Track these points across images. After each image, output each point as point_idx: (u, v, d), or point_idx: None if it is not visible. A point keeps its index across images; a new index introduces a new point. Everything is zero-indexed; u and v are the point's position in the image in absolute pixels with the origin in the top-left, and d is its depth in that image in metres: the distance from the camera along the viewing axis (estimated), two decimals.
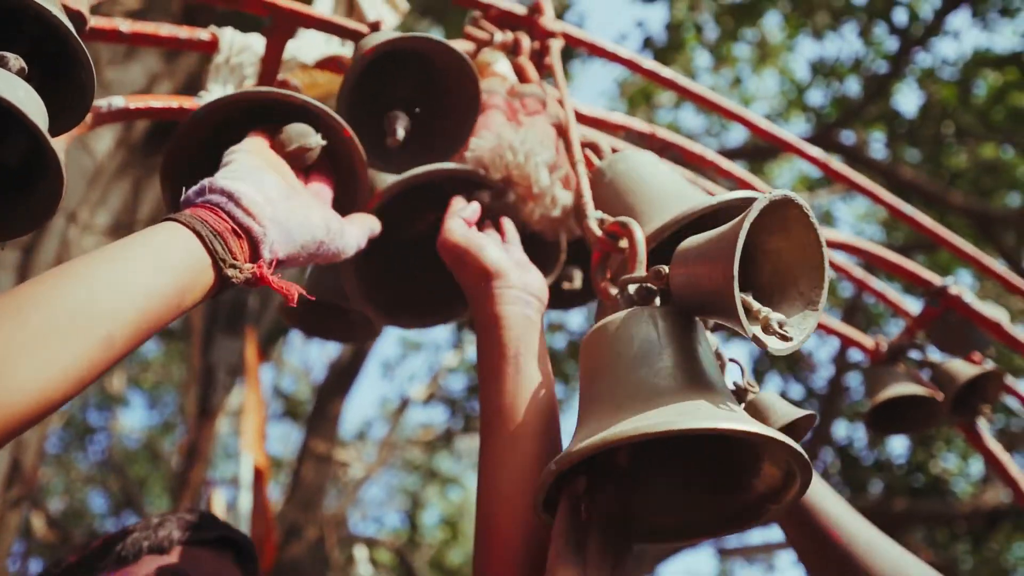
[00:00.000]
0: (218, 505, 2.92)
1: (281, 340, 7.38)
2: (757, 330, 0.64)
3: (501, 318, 0.83)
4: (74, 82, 0.71)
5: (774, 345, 0.63)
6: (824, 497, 0.87)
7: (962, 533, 6.51)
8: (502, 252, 0.88)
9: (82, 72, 0.70)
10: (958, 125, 6.16)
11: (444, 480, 9.34)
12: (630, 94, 7.36)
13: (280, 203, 0.73)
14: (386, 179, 1.04)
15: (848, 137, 6.59)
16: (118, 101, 0.98)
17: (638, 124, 1.26)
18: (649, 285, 0.72)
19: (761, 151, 6.58)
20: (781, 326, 0.62)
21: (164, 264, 0.61)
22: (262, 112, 0.85)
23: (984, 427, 1.29)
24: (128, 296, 0.58)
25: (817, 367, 6.82)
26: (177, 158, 0.81)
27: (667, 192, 0.89)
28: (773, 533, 6.95)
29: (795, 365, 6.76)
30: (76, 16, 0.77)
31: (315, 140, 0.80)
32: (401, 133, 0.91)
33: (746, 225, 0.62)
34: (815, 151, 1.41)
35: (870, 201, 1.46)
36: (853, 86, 6.58)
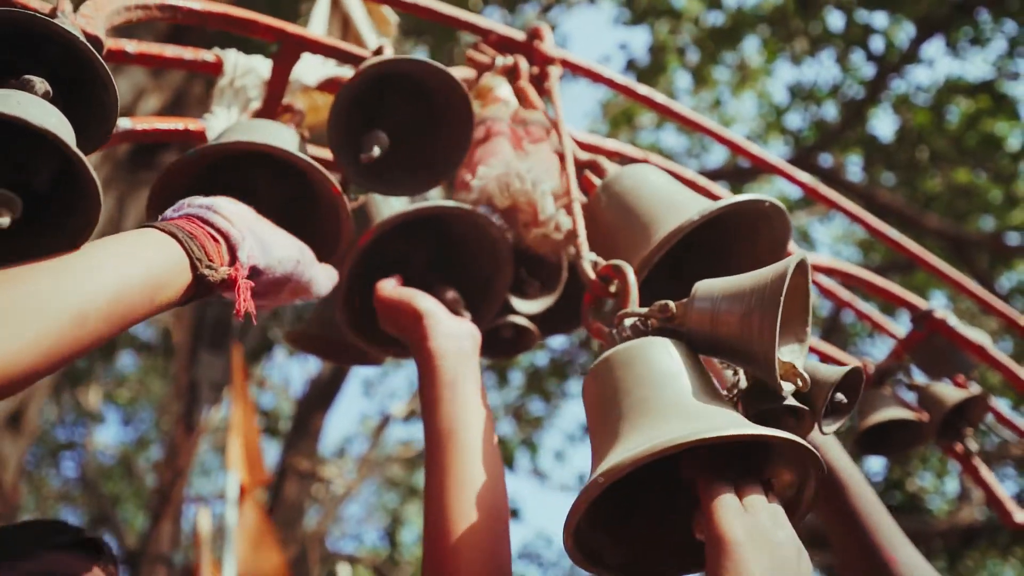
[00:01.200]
0: (205, 521, 2.89)
1: (264, 357, 7.33)
2: (786, 387, 0.67)
3: (436, 351, 0.89)
4: (96, 105, 0.72)
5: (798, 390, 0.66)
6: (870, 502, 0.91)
7: (938, 550, 6.58)
8: (432, 300, 0.94)
9: (106, 95, 0.71)
10: (932, 150, 6.30)
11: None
12: (612, 115, 7.45)
13: (255, 222, 0.77)
14: (379, 205, 1.07)
15: (826, 160, 6.72)
16: (124, 123, 0.99)
17: (632, 151, 1.29)
18: (640, 322, 0.75)
19: (741, 172, 6.68)
20: (802, 379, 0.65)
21: (138, 256, 0.64)
22: (250, 157, 0.87)
23: (971, 448, 1.33)
24: (101, 281, 0.60)
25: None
26: (164, 193, 0.83)
27: (664, 205, 0.91)
28: None
29: None
30: (94, 40, 0.78)
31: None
32: (377, 151, 0.93)
33: (785, 284, 0.64)
34: (803, 175, 1.45)
35: (847, 223, 1.50)
36: (830, 110, 6.72)
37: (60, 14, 0.77)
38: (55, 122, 0.63)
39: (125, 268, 0.62)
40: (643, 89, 1.36)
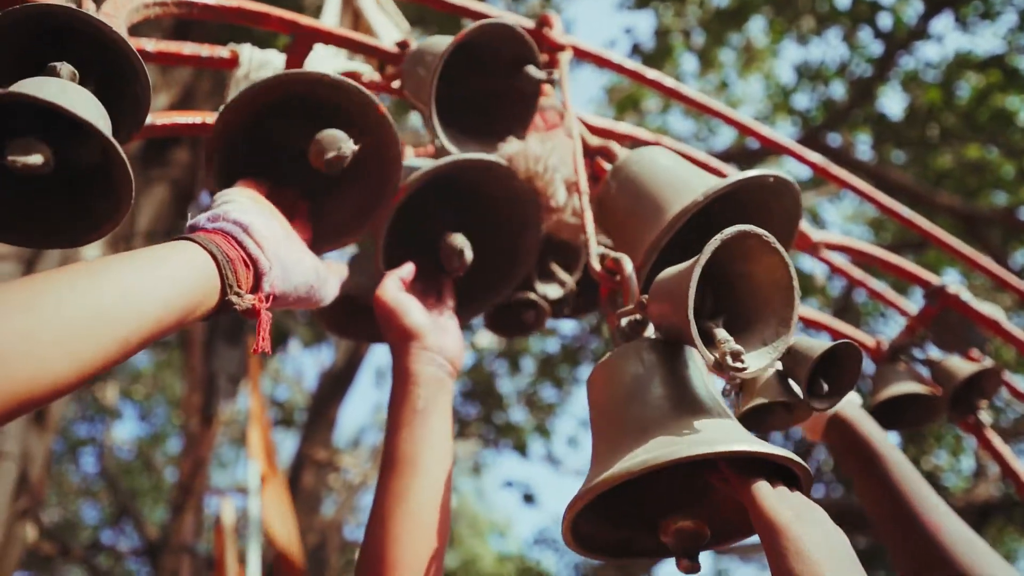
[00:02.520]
0: (228, 512, 2.93)
1: (278, 349, 7.39)
2: (712, 360, 0.69)
3: (413, 375, 0.91)
4: (128, 97, 0.74)
5: (732, 374, 0.67)
6: (908, 474, 0.93)
7: None
8: (425, 316, 0.96)
9: (138, 86, 0.73)
10: (943, 126, 6.25)
11: None
12: (618, 100, 7.43)
13: (282, 243, 0.78)
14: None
15: (834, 140, 6.68)
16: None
17: (644, 134, 1.30)
18: (637, 317, 0.76)
19: (750, 154, 6.66)
20: (736, 356, 0.66)
21: (183, 282, 0.66)
22: (298, 100, 0.88)
23: (985, 422, 1.34)
24: (150, 305, 0.62)
25: None
26: (221, 139, 0.85)
27: (673, 187, 0.92)
28: None
29: None
30: None
31: (348, 147, 0.83)
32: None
33: (697, 271, 0.66)
34: (813, 155, 1.46)
35: (858, 202, 1.51)
36: (838, 89, 6.67)
37: (86, 10, 0.79)
38: (91, 108, 0.65)
39: (169, 293, 0.64)
40: (652, 74, 1.37)
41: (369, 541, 0.83)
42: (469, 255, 0.97)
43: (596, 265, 0.89)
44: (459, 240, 0.97)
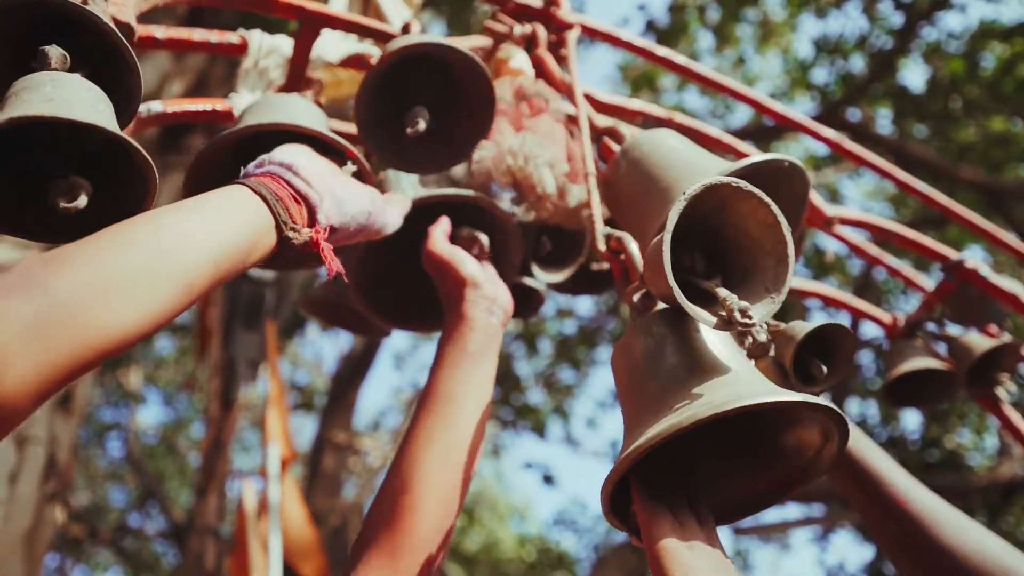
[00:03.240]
0: (249, 497, 2.98)
1: (296, 334, 7.45)
2: (716, 319, 0.68)
3: (470, 319, 0.93)
4: (122, 88, 0.75)
5: (740, 329, 0.66)
6: (878, 459, 0.91)
7: (978, 507, 6.54)
8: (478, 266, 0.98)
9: (131, 78, 0.74)
10: (966, 99, 6.13)
11: None
12: (632, 78, 7.35)
13: (330, 177, 0.79)
14: (393, 184, 1.09)
15: (854, 114, 6.57)
16: (156, 106, 1.02)
17: (656, 110, 1.29)
18: (645, 291, 0.76)
19: (766, 131, 6.59)
20: (744, 313, 0.66)
21: (237, 222, 0.67)
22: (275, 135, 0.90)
23: (1003, 398, 1.32)
24: (208, 250, 0.63)
25: None
26: (199, 175, 0.86)
27: (683, 170, 0.92)
28: (788, 511, 6.99)
29: None
30: (125, 27, 0.80)
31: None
32: (422, 125, 0.95)
33: (667, 234, 0.66)
34: (828, 131, 1.44)
35: (877, 178, 1.49)
36: (858, 63, 6.56)
37: (92, 1, 0.79)
38: (66, 96, 0.65)
39: (226, 235, 0.65)
40: (662, 51, 1.36)
41: (396, 472, 0.83)
42: (485, 241, 0.99)
43: (601, 246, 0.89)
44: (473, 231, 0.99)
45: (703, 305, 0.69)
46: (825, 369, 0.81)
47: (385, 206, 0.87)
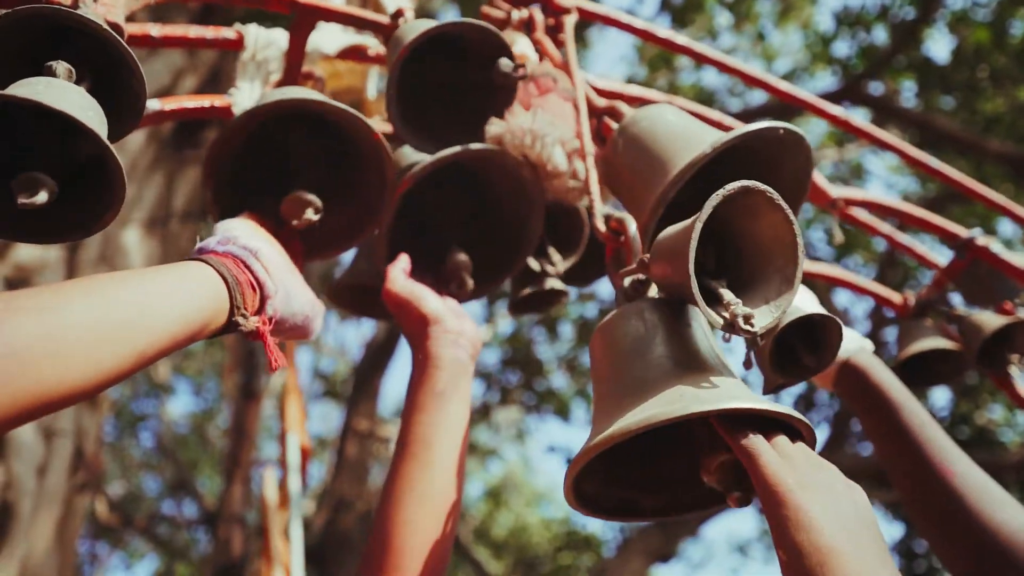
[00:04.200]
0: (271, 485, 3.03)
1: None
2: (720, 321, 0.68)
3: (434, 357, 0.92)
4: (126, 89, 0.76)
5: (743, 335, 0.66)
6: (927, 426, 0.90)
7: (1011, 483, 6.45)
8: (439, 302, 0.96)
9: (133, 79, 0.75)
10: (993, 68, 5.98)
11: (484, 453, 9.48)
12: (649, 58, 7.27)
13: (286, 272, 0.81)
14: (409, 159, 1.09)
15: (877, 88, 6.45)
16: (153, 104, 1.03)
17: (655, 95, 1.28)
18: (640, 277, 0.76)
19: (787, 108, 6.48)
20: (747, 320, 0.65)
21: (197, 300, 0.68)
22: (297, 115, 0.91)
23: (1017, 376, 1.30)
24: (165, 322, 0.64)
25: (853, 323, 6.75)
26: (218, 159, 0.87)
27: (679, 142, 0.91)
28: None
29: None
30: (115, 28, 0.81)
31: (312, 215, 0.88)
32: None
33: (698, 226, 0.65)
34: (835, 109, 1.42)
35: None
36: (880, 35, 6.42)
37: (83, 4, 0.80)
38: (80, 102, 0.66)
39: (184, 309, 0.66)
40: (664, 32, 1.34)
41: (379, 523, 0.84)
42: (470, 282, 0.99)
43: (601, 226, 0.88)
44: (462, 258, 0.99)
45: (706, 299, 0.69)
46: (813, 359, 0.80)
47: (318, 311, 0.88)
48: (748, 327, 0.66)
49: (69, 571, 2.49)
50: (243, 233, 0.80)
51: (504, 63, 0.98)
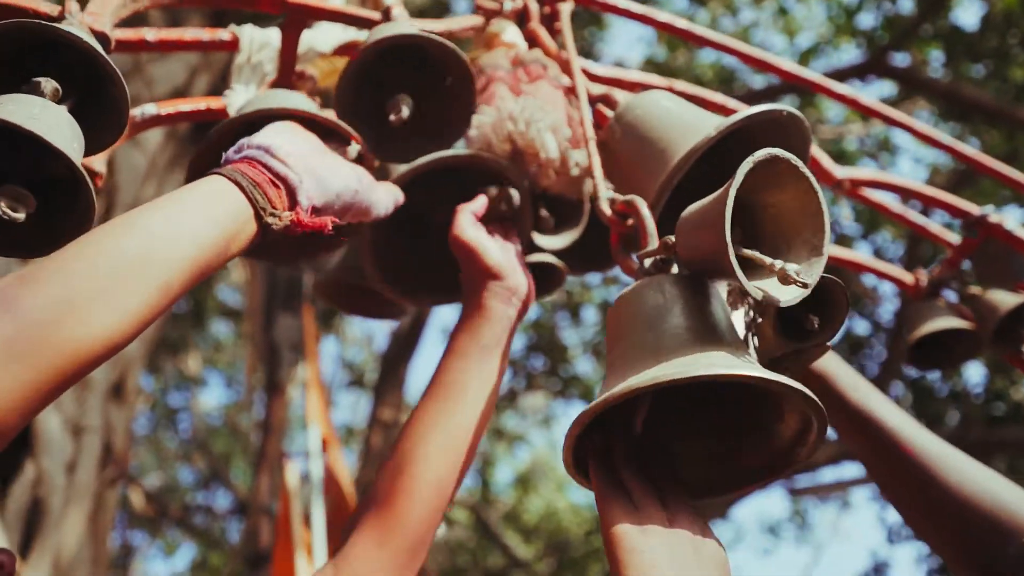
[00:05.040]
0: (292, 476, 3.10)
1: (342, 313, 7.60)
2: (768, 284, 0.67)
3: (488, 310, 0.92)
4: (109, 99, 0.77)
5: (786, 296, 0.65)
6: (888, 413, 0.88)
7: None
8: (503, 255, 0.95)
9: (115, 89, 0.75)
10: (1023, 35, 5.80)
11: (511, 438, 9.52)
12: (668, 38, 7.16)
13: (312, 156, 0.78)
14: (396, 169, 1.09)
15: (903, 60, 6.29)
16: (150, 109, 1.04)
17: (655, 79, 1.26)
18: (661, 257, 0.75)
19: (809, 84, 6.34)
20: (798, 274, 0.64)
21: (212, 215, 0.67)
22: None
23: None
24: (182, 246, 0.63)
25: (882, 300, 6.64)
26: (201, 167, 0.88)
27: (679, 129, 0.89)
28: (846, 470, 6.88)
29: (859, 300, 6.59)
30: (101, 37, 0.82)
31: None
32: (405, 112, 0.94)
33: (732, 193, 0.64)
34: (843, 88, 1.39)
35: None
36: (906, 4, 6.25)
37: (68, 15, 0.81)
38: (51, 122, 0.67)
39: (201, 228, 0.65)
40: (664, 16, 1.33)
41: (396, 454, 0.84)
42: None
43: (607, 209, 0.87)
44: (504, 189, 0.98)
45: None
46: (817, 322, 0.78)
47: (373, 185, 0.87)
48: (801, 279, 0.65)
49: (102, 564, 2.55)
50: (260, 134, 0.78)
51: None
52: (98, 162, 0.93)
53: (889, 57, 6.00)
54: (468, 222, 0.95)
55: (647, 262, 0.77)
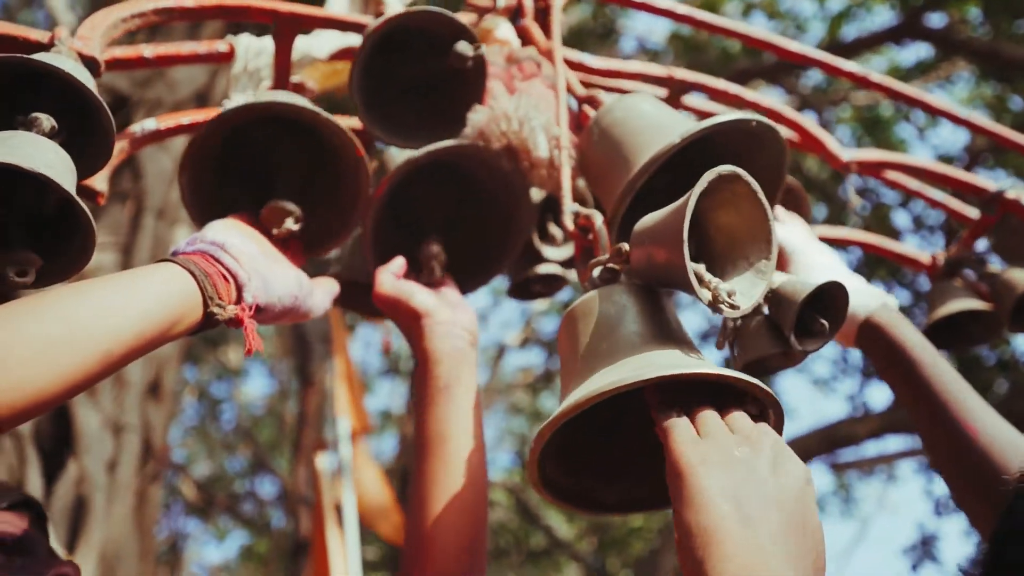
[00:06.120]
0: (321, 466, 3.17)
1: None
2: (709, 297, 0.67)
3: (432, 352, 0.91)
4: (96, 127, 0.79)
5: (725, 312, 0.65)
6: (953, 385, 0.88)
7: None
8: (429, 295, 0.96)
9: (100, 119, 0.77)
10: None
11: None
12: (697, 5, 7.03)
13: (260, 259, 0.82)
14: (395, 160, 1.10)
15: (940, 20, 6.08)
16: (150, 124, 1.06)
17: (654, 69, 1.24)
18: (612, 266, 0.76)
19: (843, 48, 6.21)
20: (730, 296, 0.64)
21: (161, 296, 0.70)
22: (276, 119, 0.92)
23: None
24: (129, 319, 0.66)
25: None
26: (194, 165, 0.90)
27: (649, 133, 0.89)
28: (888, 444, 6.76)
29: (898, 270, 6.44)
30: (90, 61, 0.84)
31: (292, 224, 0.90)
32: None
33: (691, 204, 0.64)
34: (850, 65, 1.35)
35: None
36: None
37: (57, 41, 0.83)
38: (51, 160, 0.70)
39: (148, 306, 0.68)
40: (664, 2, 1.31)
41: (411, 523, 0.86)
42: (438, 271, 0.99)
43: (569, 224, 0.88)
44: (434, 248, 1.00)
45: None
46: (827, 325, 0.78)
47: (313, 289, 0.90)
48: (731, 301, 0.66)
49: (149, 557, 2.65)
50: (212, 230, 0.81)
51: (461, 47, 0.97)
52: (99, 181, 0.95)
53: (925, 18, 5.80)
54: (388, 278, 0.97)
55: (596, 272, 0.78)
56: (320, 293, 0.92)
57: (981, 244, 1.28)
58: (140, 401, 2.61)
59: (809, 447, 5.17)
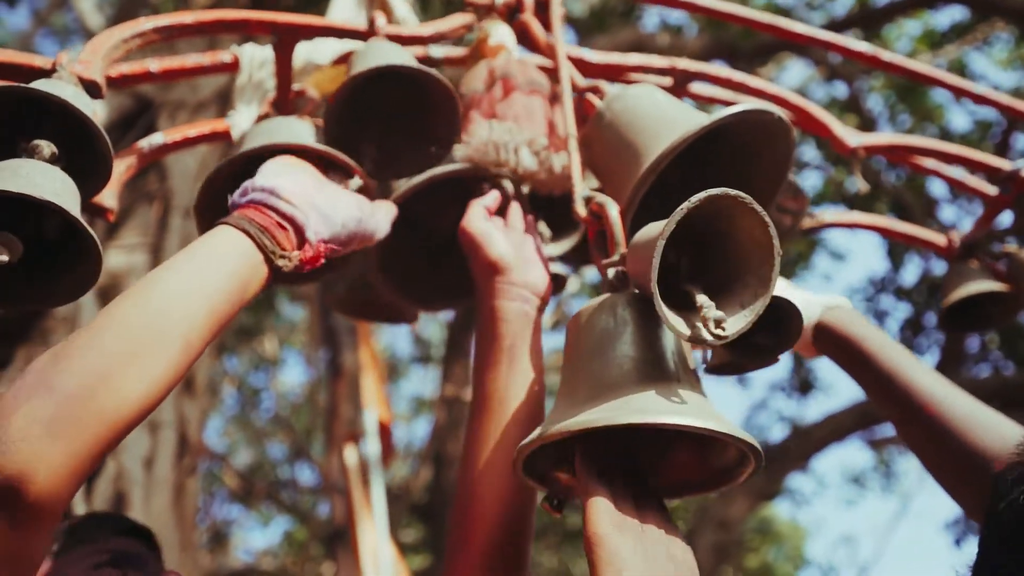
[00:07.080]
0: (349, 458, 3.22)
1: None
2: (693, 326, 0.67)
3: (499, 311, 0.88)
4: (95, 150, 0.81)
5: (708, 339, 0.65)
6: (917, 372, 0.87)
7: None
8: (510, 247, 0.92)
9: (98, 143, 0.80)
10: None
11: None
12: None
13: (314, 191, 0.81)
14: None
15: None
16: (157, 139, 1.09)
17: (657, 61, 1.23)
18: (623, 270, 0.75)
19: (874, 16, 6.05)
20: (719, 324, 0.64)
21: (223, 267, 0.70)
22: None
23: None
24: (196, 301, 0.67)
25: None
26: (207, 197, 0.92)
27: (660, 125, 0.89)
28: None
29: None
30: (91, 85, 0.86)
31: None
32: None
33: (667, 230, 0.64)
34: (861, 45, 1.33)
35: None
36: None
37: (59, 67, 0.86)
38: (58, 188, 0.72)
39: (215, 282, 0.69)
40: None
41: (462, 484, 0.85)
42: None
43: (581, 210, 0.87)
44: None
45: (679, 302, 0.69)
46: (773, 342, 0.78)
47: (374, 211, 0.89)
48: (719, 331, 0.66)
49: (190, 548, 2.74)
50: (263, 175, 0.80)
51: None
52: (108, 197, 0.98)
53: None
54: (478, 215, 0.94)
55: (610, 272, 0.78)
56: (381, 213, 0.90)
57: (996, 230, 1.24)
58: (175, 396, 2.68)
59: (845, 424, 5.11)
